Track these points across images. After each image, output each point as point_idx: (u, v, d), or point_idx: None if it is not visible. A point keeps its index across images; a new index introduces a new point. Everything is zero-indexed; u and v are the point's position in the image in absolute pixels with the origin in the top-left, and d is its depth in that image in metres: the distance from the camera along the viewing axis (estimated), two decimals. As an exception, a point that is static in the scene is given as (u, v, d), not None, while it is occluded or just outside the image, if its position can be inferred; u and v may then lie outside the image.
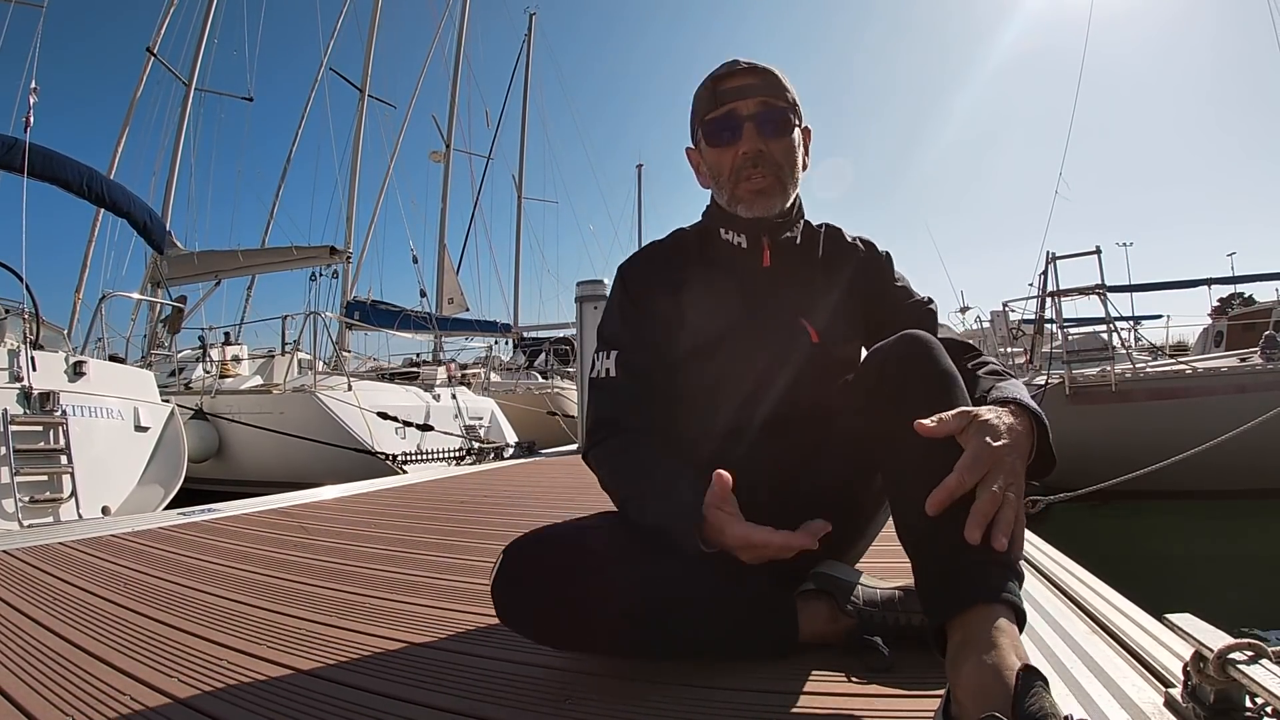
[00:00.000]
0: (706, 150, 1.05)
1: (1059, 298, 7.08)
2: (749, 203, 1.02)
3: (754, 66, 1.02)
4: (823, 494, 0.98)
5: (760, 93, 1.00)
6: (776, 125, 1.01)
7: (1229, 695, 0.67)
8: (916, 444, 0.75)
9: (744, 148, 1.00)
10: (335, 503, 2.81)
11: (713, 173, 1.06)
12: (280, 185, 14.88)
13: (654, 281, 1.08)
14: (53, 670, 0.96)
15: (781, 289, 1.06)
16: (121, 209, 8.29)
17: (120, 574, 1.57)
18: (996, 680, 0.59)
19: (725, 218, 1.07)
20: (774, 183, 1.02)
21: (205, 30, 11.85)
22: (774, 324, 1.04)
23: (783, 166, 1.02)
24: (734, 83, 1.01)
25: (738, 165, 1.01)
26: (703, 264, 1.09)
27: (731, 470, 0.96)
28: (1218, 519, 5.51)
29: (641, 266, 1.12)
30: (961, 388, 0.82)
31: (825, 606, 0.95)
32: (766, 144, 1.01)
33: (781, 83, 1.02)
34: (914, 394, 0.80)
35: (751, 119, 1.00)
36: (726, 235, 1.07)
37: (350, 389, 6.57)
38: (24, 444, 3.94)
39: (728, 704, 0.80)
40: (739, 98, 1.00)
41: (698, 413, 1.05)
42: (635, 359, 1.04)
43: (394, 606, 1.27)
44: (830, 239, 1.13)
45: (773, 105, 1.01)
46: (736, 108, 1.00)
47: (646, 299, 1.07)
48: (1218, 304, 13.07)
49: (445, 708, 0.82)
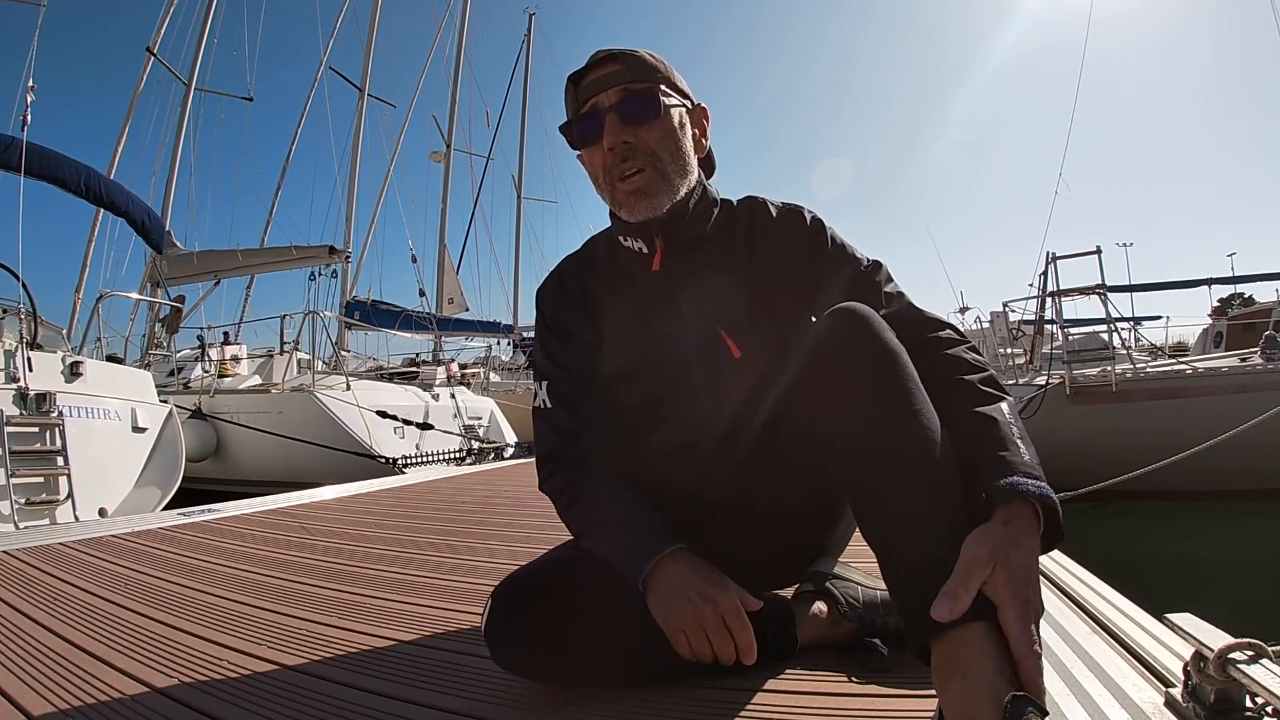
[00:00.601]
0: (581, 154, 0.97)
1: (1059, 298, 7.08)
2: (630, 206, 0.93)
3: (614, 53, 0.92)
4: (785, 505, 0.96)
5: (620, 80, 0.91)
6: (640, 110, 0.90)
7: (1229, 695, 0.67)
8: (864, 441, 0.70)
9: (608, 142, 0.90)
10: (335, 503, 2.81)
11: (591, 176, 0.97)
12: (280, 185, 14.90)
13: (565, 305, 1.03)
14: (53, 670, 0.96)
15: (683, 295, 0.96)
16: (119, 208, 8.27)
17: (120, 574, 1.57)
18: (983, 704, 0.56)
19: (621, 225, 0.98)
20: (652, 176, 0.91)
21: (205, 30, 11.85)
22: (688, 339, 0.95)
23: (659, 155, 0.91)
24: (593, 75, 0.92)
25: (609, 164, 0.92)
26: (610, 277, 1.03)
27: (684, 494, 0.96)
28: (1218, 519, 5.51)
29: (553, 290, 1.06)
30: (906, 367, 0.73)
31: (824, 610, 0.95)
32: (634, 133, 0.90)
33: (647, 63, 0.93)
34: (852, 383, 0.73)
35: (613, 109, 0.90)
36: (627, 242, 0.99)
37: (349, 388, 6.57)
38: (20, 445, 3.91)
39: (728, 704, 0.80)
40: (599, 90, 0.91)
41: (640, 436, 1.00)
42: (562, 387, 0.99)
43: (395, 607, 1.27)
44: (751, 216, 1.01)
45: (635, 90, 0.91)
46: (598, 101, 0.91)
47: (561, 324, 1.03)
48: (1218, 304, 13.06)
49: (446, 708, 0.82)
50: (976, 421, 0.73)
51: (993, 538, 0.63)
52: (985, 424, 0.72)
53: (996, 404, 0.75)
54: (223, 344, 8.93)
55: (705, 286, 0.96)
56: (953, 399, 0.74)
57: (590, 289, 1.03)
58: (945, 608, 0.60)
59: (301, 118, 15.31)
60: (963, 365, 0.80)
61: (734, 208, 1.02)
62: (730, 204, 1.03)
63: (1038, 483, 0.66)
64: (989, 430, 0.72)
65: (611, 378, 1.00)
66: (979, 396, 0.76)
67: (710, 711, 0.78)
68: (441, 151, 16.14)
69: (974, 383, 0.77)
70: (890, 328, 0.76)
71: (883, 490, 0.69)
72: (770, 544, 0.99)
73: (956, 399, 0.75)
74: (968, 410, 0.74)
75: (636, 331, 0.98)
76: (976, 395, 0.76)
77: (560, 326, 1.03)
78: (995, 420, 0.73)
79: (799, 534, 1.01)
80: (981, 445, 0.70)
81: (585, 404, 0.99)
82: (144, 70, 11.24)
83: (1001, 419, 0.73)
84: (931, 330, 0.85)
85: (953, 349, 0.83)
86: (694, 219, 0.97)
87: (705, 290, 0.96)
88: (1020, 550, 0.63)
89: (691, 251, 0.98)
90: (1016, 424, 0.73)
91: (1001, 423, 0.72)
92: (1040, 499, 0.65)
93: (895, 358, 0.73)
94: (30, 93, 5.67)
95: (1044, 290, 7.35)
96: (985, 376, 0.79)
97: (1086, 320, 10.03)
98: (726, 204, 1.02)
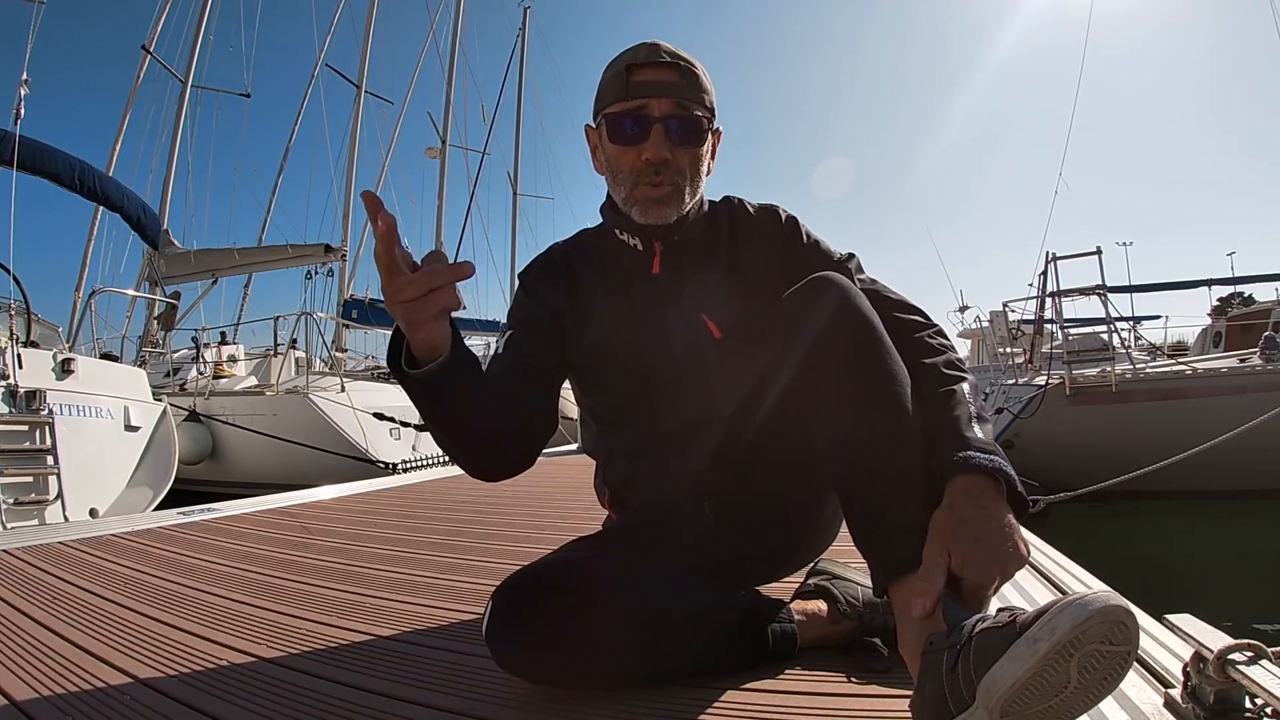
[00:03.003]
0: (607, 143, 0.96)
1: (1059, 298, 7.09)
2: (644, 209, 0.95)
3: (677, 61, 0.92)
4: (774, 491, 0.98)
5: (677, 93, 0.91)
6: (688, 134, 0.92)
7: (1229, 696, 0.67)
8: (839, 404, 0.77)
9: (648, 153, 0.91)
10: (336, 502, 2.81)
11: (610, 166, 0.97)
12: (277, 182, 14.89)
13: (549, 279, 1.04)
14: (52, 670, 0.96)
15: (675, 294, 1.00)
16: (114, 203, 8.24)
17: (120, 573, 1.57)
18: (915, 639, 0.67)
19: (620, 218, 1.00)
20: (673, 192, 0.94)
21: (201, 27, 11.79)
22: (671, 325, 0.99)
23: (686, 175, 0.94)
24: (651, 75, 0.91)
25: (638, 168, 0.93)
26: (600, 266, 1.04)
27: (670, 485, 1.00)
28: (1218, 519, 5.52)
29: (540, 265, 1.07)
30: (878, 331, 0.80)
31: (824, 610, 0.95)
32: (674, 152, 0.92)
33: (702, 83, 0.94)
34: (829, 347, 0.79)
35: (662, 122, 0.91)
36: (622, 236, 1.01)
37: (343, 390, 6.55)
38: (8, 444, 3.86)
39: (728, 704, 0.80)
40: (653, 94, 0.91)
41: (631, 424, 1.04)
42: (518, 335, 0.96)
43: (396, 607, 1.27)
44: (732, 216, 1.04)
45: (688, 110, 0.92)
46: (649, 105, 0.91)
47: (539, 291, 1.03)
48: (1217, 304, 13.07)
49: (447, 708, 0.82)
50: (936, 401, 0.79)
51: (946, 521, 0.70)
52: (944, 404, 0.79)
53: (958, 384, 0.81)
54: (219, 344, 8.92)
55: (694, 283, 1.00)
56: (917, 379, 0.81)
57: (578, 273, 1.04)
58: (919, 607, 0.67)
59: (299, 115, 15.31)
60: (927, 349, 0.86)
61: (716, 207, 1.06)
62: (713, 203, 1.06)
63: (990, 456, 0.73)
64: (947, 410, 0.78)
65: (599, 365, 1.02)
66: (942, 378, 0.82)
67: (710, 712, 0.78)
68: (437, 148, 16.09)
69: (937, 365, 0.84)
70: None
71: (863, 462, 0.75)
72: (761, 533, 1.01)
73: (923, 379, 0.81)
74: (932, 390, 0.81)
75: (628, 324, 1.00)
76: (941, 377, 0.82)
77: (539, 294, 1.03)
78: (953, 401, 0.79)
79: (789, 521, 1.02)
80: (941, 423, 0.77)
81: (529, 356, 0.94)
82: (140, 68, 11.24)
83: (961, 399, 0.79)
84: (899, 312, 0.90)
85: (919, 333, 0.88)
86: (691, 226, 1.00)
87: (694, 287, 1.00)
88: (976, 521, 0.69)
89: (685, 254, 1.01)
90: (974, 403, 0.80)
91: (959, 403, 0.79)
92: (993, 471, 0.71)
93: (869, 324, 0.80)
94: (24, 86, 5.67)
95: (1044, 290, 7.36)
96: (947, 359, 0.85)
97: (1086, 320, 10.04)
98: (711, 204, 1.06)
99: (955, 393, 0.80)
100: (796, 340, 0.82)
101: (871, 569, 0.75)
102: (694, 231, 1.01)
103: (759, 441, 0.97)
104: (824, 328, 0.80)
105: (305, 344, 8.10)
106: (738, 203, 1.06)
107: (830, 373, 0.79)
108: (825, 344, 0.79)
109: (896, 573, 0.71)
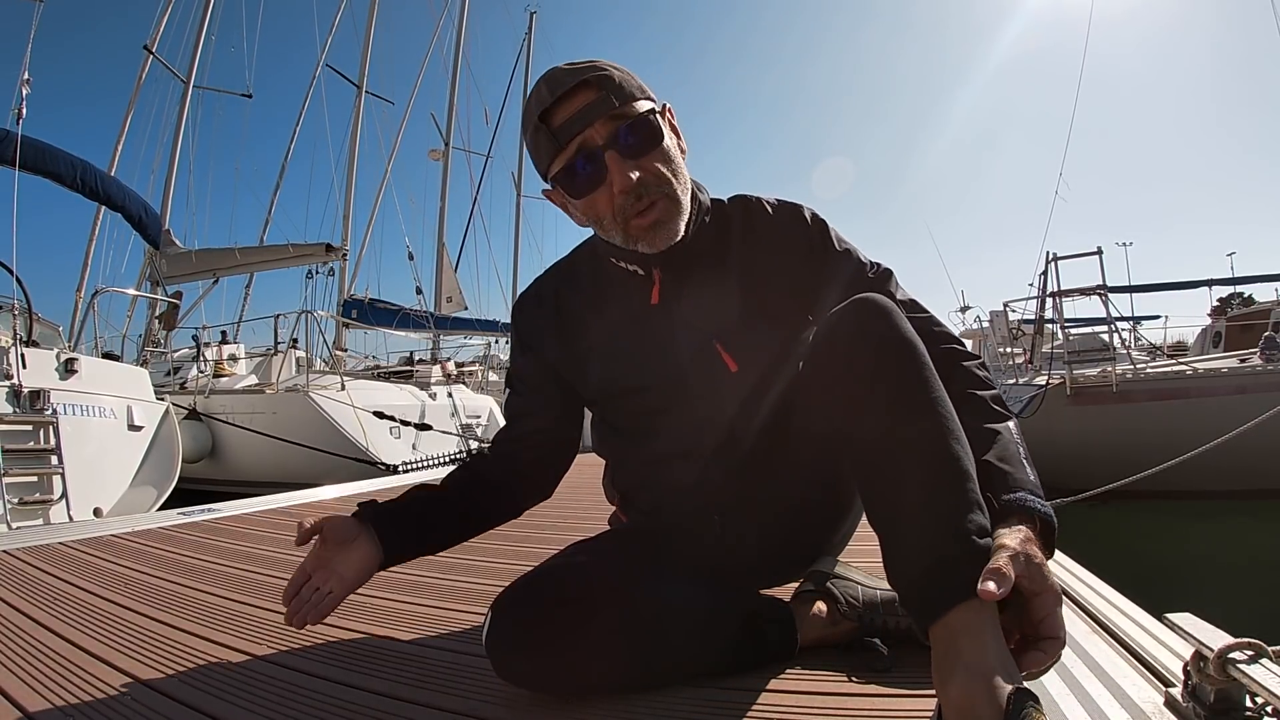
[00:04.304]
0: (573, 200, 0.86)
1: (1060, 298, 7.09)
2: (649, 239, 0.85)
3: (584, 79, 0.81)
4: (786, 506, 0.97)
5: (605, 108, 0.80)
6: (642, 140, 0.82)
7: (1229, 695, 0.67)
8: (877, 425, 0.70)
9: (619, 185, 0.81)
10: (336, 502, 2.81)
11: (591, 218, 0.87)
12: (279, 183, 14.86)
13: (538, 320, 1.02)
14: (52, 670, 0.96)
15: (680, 314, 0.93)
16: (115, 203, 8.24)
17: (120, 574, 1.57)
18: (986, 701, 0.55)
19: (616, 250, 0.91)
20: (666, 204, 0.84)
21: (203, 27, 11.79)
22: (682, 355, 0.93)
23: (667, 179, 0.84)
24: (567, 110, 0.81)
25: (619, 205, 0.83)
26: (596, 296, 0.98)
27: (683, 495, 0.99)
28: (1218, 519, 5.51)
29: (528, 305, 1.03)
30: (924, 358, 0.73)
31: (824, 610, 0.95)
32: (641, 166, 0.82)
33: (618, 82, 0.82)
34: (865, 366, 0.72)
35: (610, 146, 0.81)
36: (620, 263, 0.93)
37: (343, 388, 6.54)
38: (12, 444, 3.86)
39: (728, 704, 0.80)
40: (583, 125, 0.80)
41: (638, 445, 1.02)
42: (512, 403, 1.07)
43: (396, 606, 1.27)
44: (747, 217, 0.96)
45: (626, 116, 0.81)
46: (586, 139, 0.81)
47: (528, 339, 1.03)
48: (1217, 304, 13.09)
49: (447, 708, 0.82)
50: (987, 436, 0.75)
51: (1014, 538, 0.64)
52: (995, 440, 0.75)
53: (1005, 422, 0.78)
54: (220, 343, 8.92)
55: (701, 302, 0.93)
56: (964, 411, 0.74)
57: (569, 308, 1.00)
58: (992, 582, 0.58)
59: (300, 115, 15.28)
60: (976, 380, 0.82)
61: (726, 208, 0.97)
62: (721, 204, 0.97)
63: (1044, 502, 0.70)
64: (999, 447, 0.74)
65: (604, 395, 1.00)
66: (991, 413, 0.78)
67: (710, 711, 0.78)
68: (440, 150, 16.12)
69: (986, 399, 0.80)
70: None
71: (899, 482, 0.68)
72: (770, 544, 1.00)
73: (968, 411, 0.75)
74: (978, 424, 0.76)
75: (630, 349, 0.96)
76: (989, 412, 0.78)
77: (526, 341, 1.04)
78: (1004, 438, 0.75)
79: (799, 534, 1.02)
80: (992, 458, 0.72)
81: (529, 420, 1.05)
82: (143, 68, 11.24)
83: (1010, 437, 0.76)
84: (946, 341, 0.85)
85: (967, 362, 0.84)
86: (696, 237, 0.91)
87: (701, 305, 0.93)
88: (1035, 558, 0.64)
89: (689, 269, 0.93)
90: (1023, 444, 0.76)
91: (1010, 441, 0.75)
92: (1044, 518, 0.68)
93: (913, 347, 0.73)
94: (25, 86, 5.67)
95: (1044, 290, 7.36)
96: (995, 395, 0.81)
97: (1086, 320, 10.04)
98: (718, 205, 0.97)
99: (1007, 430, 0.76)
100: (833, 363, 0.75)
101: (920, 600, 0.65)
102: (700, 243, 0.92)
103: (776, 454, 0.95)
104: (873, 360, 0.73)
105: (305, 343, 8.10)
106: (755, 201, 0.97)
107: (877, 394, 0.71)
108: (872, 377, 0.72)
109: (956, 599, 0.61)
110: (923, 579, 0.64)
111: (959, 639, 0.60)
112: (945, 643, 0.61)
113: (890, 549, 0.68)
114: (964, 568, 0.61)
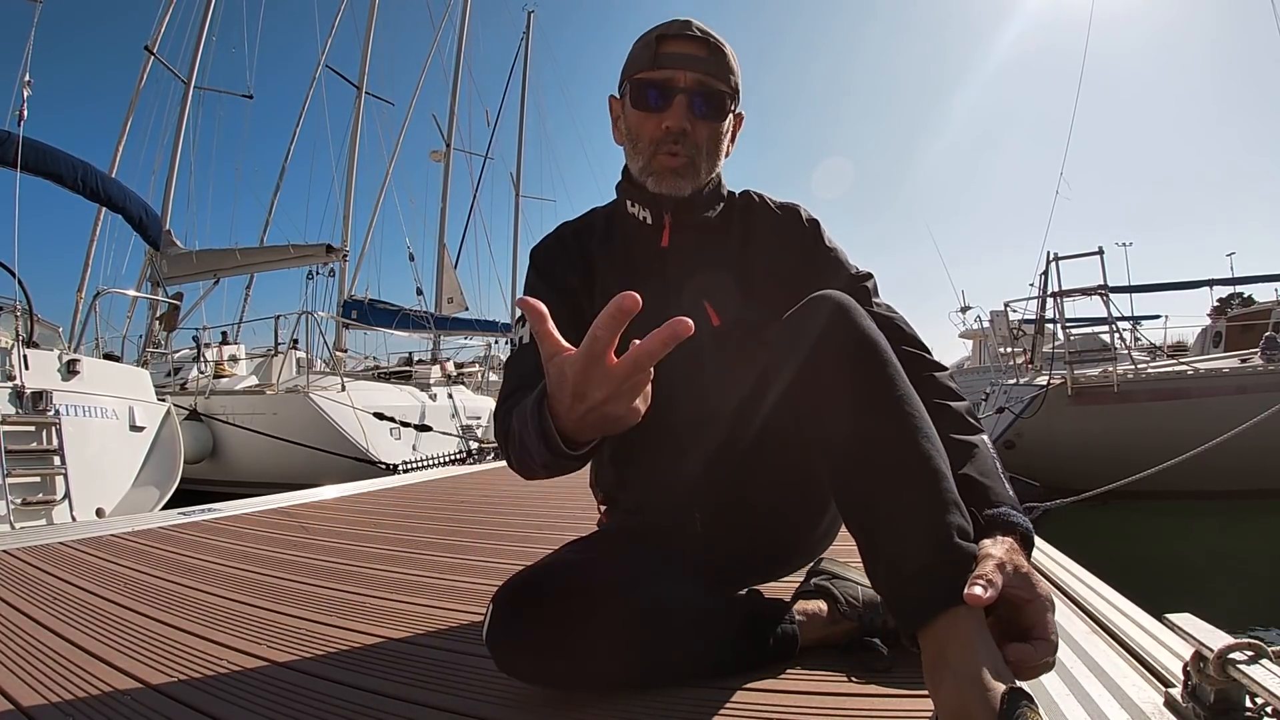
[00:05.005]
0: (630, 110, 0.97)
1: (1060, 298, 7.08)
2: (659, 177, 0.95)
3: (707, 37, 0.93)
4: (769, 498, 0.96)
5: (704, 68, 0.92)
6: (710, 108, 0.94)
7: (1229, 695, 0.67)
8: (842, 426, 0.70)
9: (669, 121, 0.92)
10: (336, 502, 2.81)
11: (630, 134, 0.98)
12: (279, 183, 14.86)
13: (561, 258, 1.03)
14: (53, 670, 0.96)
15: (681, 270, 0.98)
16: (116, 204, 8.24)
17: (120, 574, 1.57)
18: (979, 702, 0.55)
19: (633, 189, 1.00)
20: (688, 164, 0.95)
21: (204, 28, 11.78)
22: (672, 307, 0.92)
23: (703, 150, 0.95)
24: (679, 48, 0.93)
25: (658, 138, 0.94)
26: (608, 241, 1.04)
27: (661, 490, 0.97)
28: (1218, 519, 5.51)
29: (550, 245, 1.06)
30: (888, 356, 0.73)
31: (824, 610, 0.95)
32: (694, 124, 0.93)
33: (728, 63, 0.94)
34: (830, 365, 0.73)
35: (686, 94, 0.92)
36: (632, 209, 1.01)
37: (343, 389, 6.55)
38: (15, 444, 3.87)
39: (729, 704, 0.80)
40: (679, 66, 0.92)
41: None
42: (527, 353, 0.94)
43: (396, 606, 1.27)
44: (749, 210, 1.04)
45: (711, 85, 0.93)
46: (674, 77, 0.92)
47: (552, 272, 1.02)
48: (1217, 304, 13.06)
49: (447, 708, 0.82)
50: (964, 450, 0.75)
51: (999, 548, 0.64)
52: (973, 453, 0.75)
53: (979, 434, 0.78)
54: (220, 344, 8.92)
55: (700, 265, 0.98)
56: (938, 422, 0.74)
57: (589, 249, 1.04)
58: (979, 587, 0.58)
59: (300, 116, 15.29)
60: (947, 391, 0.82)
61: (734, 200, 1.04)
62: (731, 195, 1.05)
63: (1024, 517, 0.70)
64: (978, 461, 0.74)
65: None
66: (966, 425, 0.78)
67: (711, 711, 0.78)
68: (441, 151, 16.12)
69: (960, 411, 0.80)
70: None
71: (872, 483, 0.68)
72: (750, 543, 1.00)
73: (942, 423, 0.75)
74: (954, 437, 0.75)
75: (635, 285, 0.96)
76: (964, 424, 0.78)
77: (551, 273, 1.02)
78: (981, 451, 0.75)
79: (778, 532, 1.01)
80: (970, 471, 0.72)
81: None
82: (144, 69, 11.22)
83: (986, 451, 0.76)
84: (911, 347, 0.86)
85: (936, 372, 0.84)
86: (704, 204, 0.99)
87: (699, 268, 0.98)
88: (1022, 567, 0.64)
89: (695, 233, 1.00)
90: (998, 458, 0.77)
91: (986, 455, 0.76)
92: (1024, 532, 0.68)
93: (875, 346, 0.74)
94: (26, 87, 5.68)
95: (1045, 290, 7.35)
96: (967, 406, 0.81)
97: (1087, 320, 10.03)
98: (729, 194, 1.04)
99: (983, 443, 0.76)
100: (793, 354, 0.77)
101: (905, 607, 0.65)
102: (707, 211, 1.00)
103: (752, 450, 0.95)
104: (819, 341, 0.74)
105: (306, 344, 8.11)
106: (759, 197, 1.05)
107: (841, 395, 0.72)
108: (836, 375, 0.73)
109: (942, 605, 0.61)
110: (907, 586, 0.64)
111: (948, 644, 0.60)
112: (934, 649, 0.61)
113: (870, 554, 0.68)
114: (948, 573, 0.61)
